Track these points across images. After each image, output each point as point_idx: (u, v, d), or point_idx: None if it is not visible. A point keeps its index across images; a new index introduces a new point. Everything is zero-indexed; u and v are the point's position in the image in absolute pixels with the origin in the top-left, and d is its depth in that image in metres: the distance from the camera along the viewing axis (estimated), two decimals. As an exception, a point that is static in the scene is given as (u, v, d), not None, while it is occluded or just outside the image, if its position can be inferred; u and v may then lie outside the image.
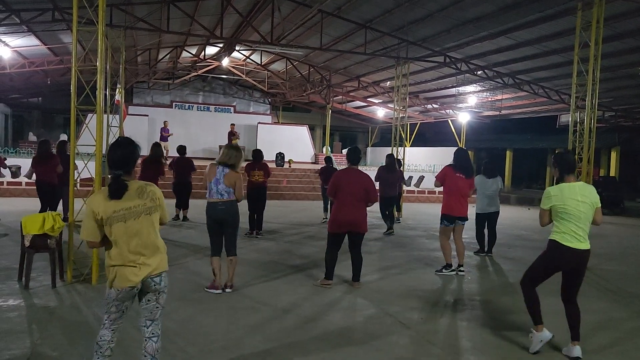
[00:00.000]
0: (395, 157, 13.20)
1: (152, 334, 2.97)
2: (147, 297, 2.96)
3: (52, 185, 8.46)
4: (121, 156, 2.91)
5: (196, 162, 11.27)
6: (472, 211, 8.28)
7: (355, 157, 5.87)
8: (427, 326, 4.71)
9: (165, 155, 17.97)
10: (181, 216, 10.53)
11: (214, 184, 5.29)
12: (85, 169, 6.38)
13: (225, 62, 19.58)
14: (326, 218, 11.28)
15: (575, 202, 3.85)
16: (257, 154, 9.37)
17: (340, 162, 23.47)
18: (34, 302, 4.94)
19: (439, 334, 4.53)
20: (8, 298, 4.99)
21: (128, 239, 2.84)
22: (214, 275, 5.44)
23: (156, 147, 8.96)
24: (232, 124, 21.11)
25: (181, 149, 10.65)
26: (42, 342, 3.94)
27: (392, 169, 10.20)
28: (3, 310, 4.64)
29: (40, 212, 8.17)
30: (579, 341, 4.00)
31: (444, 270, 6.80)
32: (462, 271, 6.87)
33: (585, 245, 3.90)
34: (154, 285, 2.92)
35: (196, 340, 4.10)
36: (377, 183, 10.08)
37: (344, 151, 26.31)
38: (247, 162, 9.45)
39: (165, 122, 20.27)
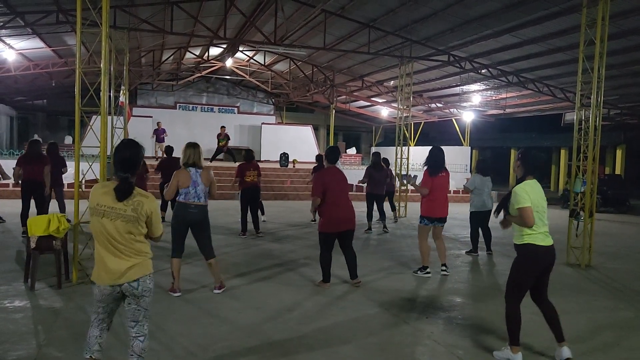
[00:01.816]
0: (397, 156, 13.30)
1: (138, 333, 3.00)
2: (127, 299, 2.96)
3: (42, 185, 8.42)
4: (129, 158, 2.93)
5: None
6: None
7: (334, 156, 5.94)
8: (431, 325, 4.70)
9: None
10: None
11: (192, 187, 5.26)
12: (90, 170, 6.40)
13: (229, 62, 19.61)
14: (315, 219, 11.24)
15: (542, 200, 3.82)
16: (249, 154, 9.36)
17: (344, 162, 23.54)
18: (40, 303, 4.97)
19: (443, 333, 4.51)
20: (14, 299, 5.01)
21: (101, 236, 2.88)
22: (173, 277, 5.38)
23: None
24: (223, 127, 20.69)
25: (168, 150, 10.57)
26: (47, 343, 3.96)
27: (379, 167, 10.20)
28: (9, 311, 4.67)
29: (22, 214, 8.18)
30: (565, 341, 3.87)
31: (419, 272, 6.65)
32: (446, 270, 6.69)
33: (552, 240, 3.87)
34: (131, 289, 2.91)
35: (200, 339, 4.10)
36: (366, 182, 10.13)
37: (349, 151, 26.37)
38: (239, 163, 9.45)
39: (158, 122, 19.93)
